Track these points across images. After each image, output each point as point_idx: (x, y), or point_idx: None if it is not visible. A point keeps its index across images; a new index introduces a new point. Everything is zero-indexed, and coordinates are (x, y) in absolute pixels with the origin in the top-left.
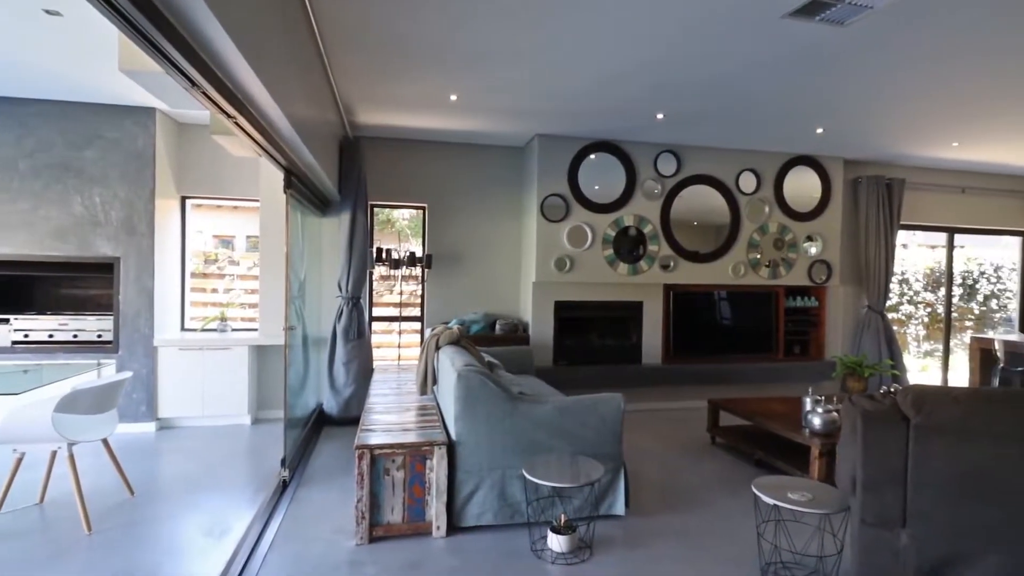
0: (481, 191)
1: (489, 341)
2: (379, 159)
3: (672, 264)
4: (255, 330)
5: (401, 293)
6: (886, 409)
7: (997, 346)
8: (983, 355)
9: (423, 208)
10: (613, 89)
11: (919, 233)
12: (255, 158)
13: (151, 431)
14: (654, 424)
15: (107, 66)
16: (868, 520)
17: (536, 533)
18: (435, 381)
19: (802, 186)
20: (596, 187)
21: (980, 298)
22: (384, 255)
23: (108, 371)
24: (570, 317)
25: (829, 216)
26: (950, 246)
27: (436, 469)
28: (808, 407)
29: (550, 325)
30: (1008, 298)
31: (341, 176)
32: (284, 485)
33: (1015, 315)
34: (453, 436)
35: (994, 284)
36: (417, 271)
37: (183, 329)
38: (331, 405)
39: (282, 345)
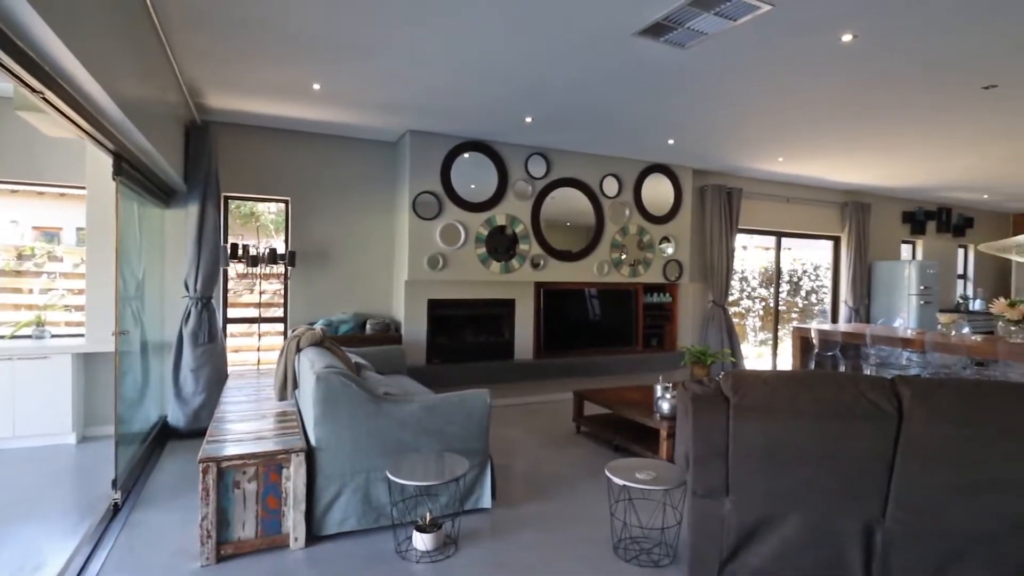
0: (351, 186)
1: (359, 341)
2: (235, 147)
3: (542, 263)
4: (82, 336)
5: (261, 293)
6: (711, 392)
7: (813, 334)
8: (803, 342)
9: (286, 202)
10: (483, 89)
11: (756, 236)
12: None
13: None
14: (525, 417)
15: None
16: (699, 492)
17: (402, 534)
18: (296, 385)
19: (658, 192)
20: (472, 186)
21: (803, 293)
22: (241, 251)
23: None
24: (444, 315)
25: (681, 220)
26: (778, 248)
27: (293, 477)
28: (659, 394)
29: (423, 324)
30: (824, 293)
31: (188, 164)
32: (116, 508)
33: (829, 308)
34: (313, 442)
35: (814, 281)
36: (280, 269)
37: None
38: (177, 417)
39: (113, 352)
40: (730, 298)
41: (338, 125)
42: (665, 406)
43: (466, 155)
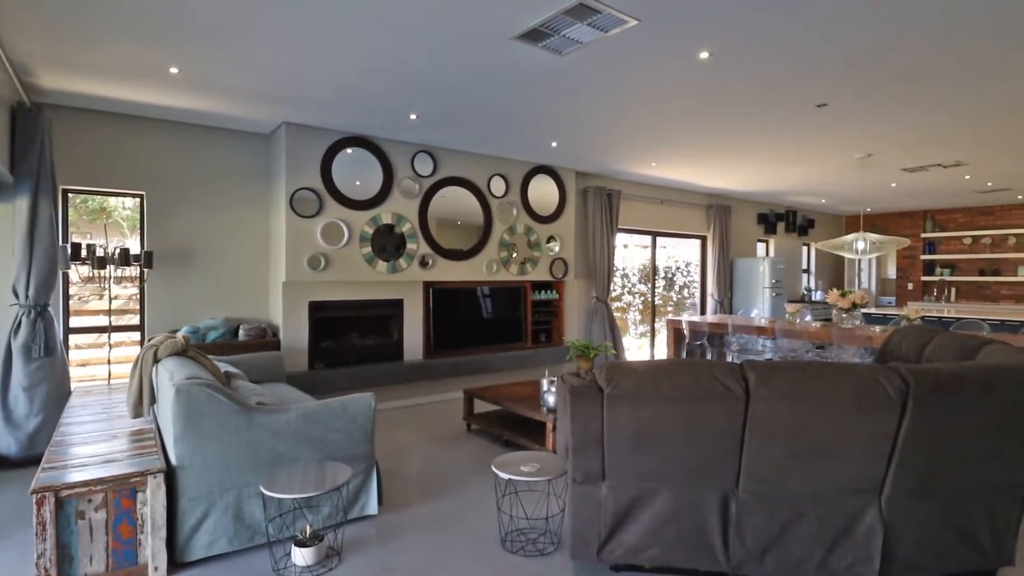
0: (219, 180)
1: (231, 349)
2: (78, 134)
3: (431, 262)
4: None
5: (113, 298)
6: (588, 384)
7: (684, 325)
8: (676, 333)
9: (140, 196)
10: (363, 83)
11: (635, 235)
12: None
13: None
14: (415, 418)
15: None
16: (578, 479)
17: (280, 551)
18: (154, 400)
19: (544, 192)
20: (357, 183)
21: (677, 288)
22: (86, 252)
23: None
24: (327, 318)
25: (565, 220)
26: (654, 246)
27: (150, 502)
28: (545, 387)
29: (304, 327)
30: (694, 288)
31: (14, 152)
32: None
33: (698, 301)
34: (174, 461)
35: (686, 276)
36: (135, 271)
37: None
38: (7, 443)
39: None
40: (612, 294)
41: (203, 114)
42: (551, 399)
43: (348, 151)
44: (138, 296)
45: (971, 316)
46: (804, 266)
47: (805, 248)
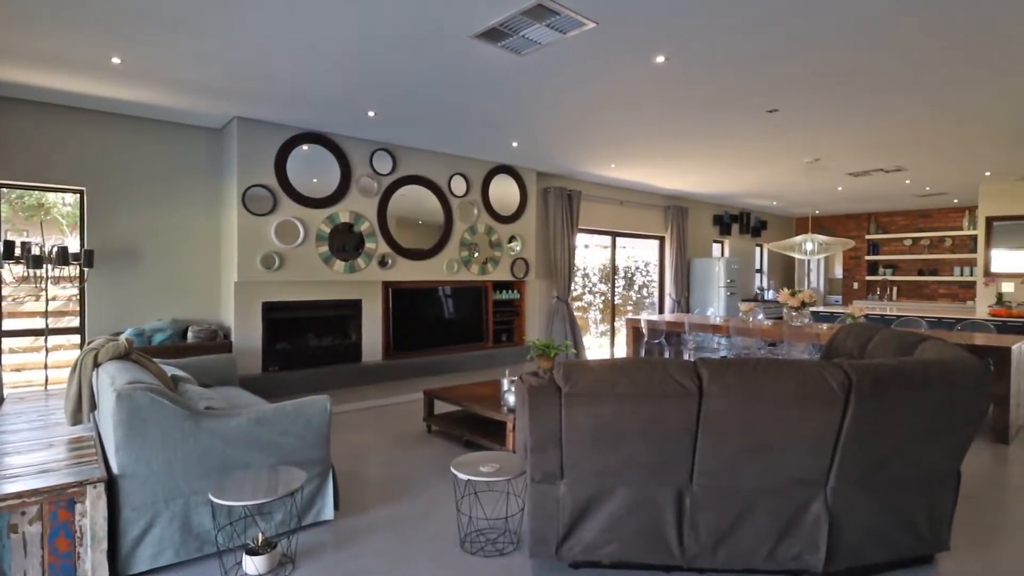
0: (167, 176)
1: (180, 351)
2: (13, 126)
3: (391, 261)
4: None
5: (50, 299)
6: (546, 383)
7: (643, 324)
8: (635, 332)
9: (80, 192)
10: (318, 78)
11: (595, 235)
12: None
13: None
14: (374, 420)
15: None
16: (537, 478)
17: (230, 560)
18: (94, 406)
19: (505, 192)
20: (315, 180)
21: (636, 287)
22: (20, 250)
23: None
24: (281, 319)
25: (526, 220)
26: (614, 247)
27: (90, 513)
28: (505, 387)
29: (258, 329)
30: (653, 287)
31: None
32: None
33: (656, 300)
34: (116, 469)
35: (645, 276)
36: (74, 271)
37: None
38: None
39: None
40: (573, 293)
41: (149, 106)
42: (512, 399)
43: (304, 147)
44: (78, 297)
45: (911, 314)
46: (757, 266)
47: (758, 249)
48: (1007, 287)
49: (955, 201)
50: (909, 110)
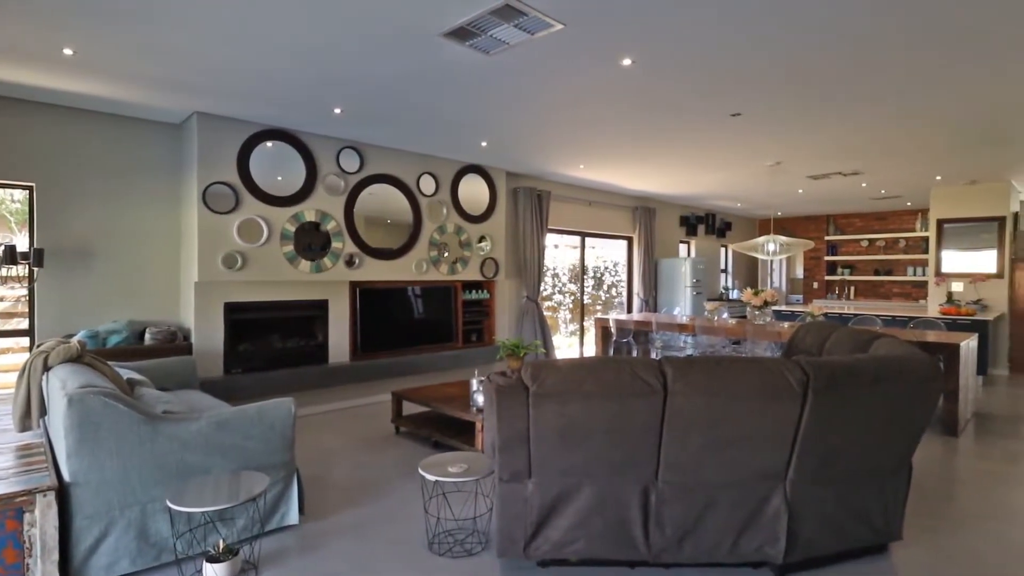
0: (123, 172)
1: (136, 354)
2: None
3: (358, 261)
4: None
5: None
6: (514, 383)
7: (611, 324)
8: (603, 332)
9: (29, 188)
10: (282, 73)
11: (565, 235)
12: None
13: None
14: (341, 422)
15: None
16: (505, 478)
17: (190, 568)
18: (44, 412)
19: (474, 192)
20: (279, 178)
21: (605, 287)
22: None
23: None
24: (244, 320)
25: (496, 219)
26: (583, 247)
27: (40, 523)
28: (474, 387)
29: (219, 330)
30: (622, 287)
31: None
32: None
33: (625, 299)
34: (67, 477)
35: (614, 276)
36: (23, 270)
37: None
38: None
39: None
40: (543, 293)
41: (103, 100)
42: (480, 399)
43: (268, 144)
44: (27, 298)
45: (867, 312)
46: (722, 266)
47: (723, 249)
48: (956, 287)
49: (908, 204)
50: (866, 115)
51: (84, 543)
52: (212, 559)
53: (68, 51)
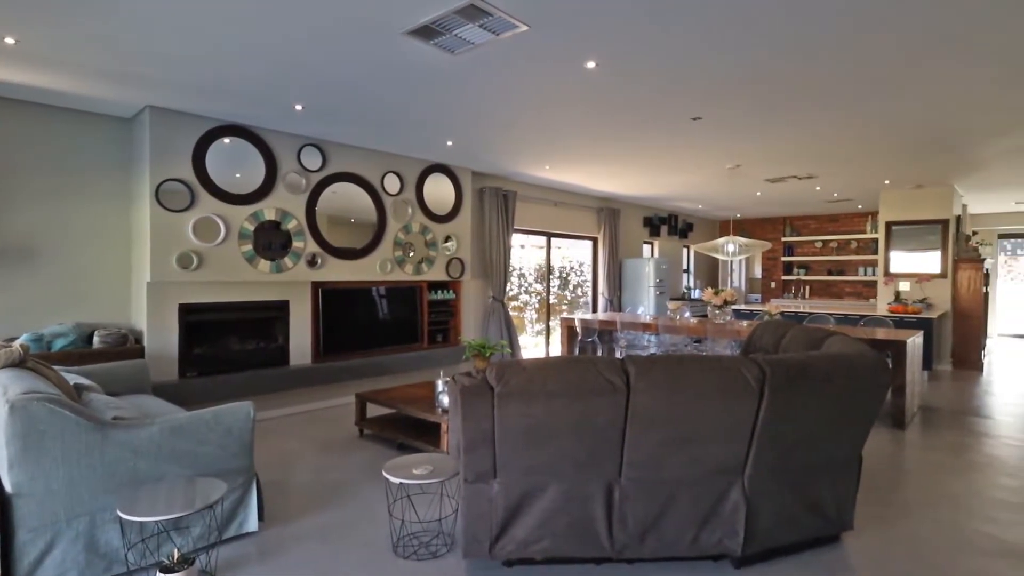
0: (69, 168)
1: (84, 358)
2: None
3: (320, 261)
4: None
5: None
6: (478, 383)
7: (577, 323)
8: (569, 331)
9: None
10: (238, 67)
11: (531, 236)
12: None
13: None
14: (303, 426)
15: None
16: (470, 478)
17: None
18: None
19: (440, 191)
20: (238, 175)
21: (571, 287)
22: None
23: None
24: (200, 321)
25: (462, 219)
26: (549, 247)
27: None
28: (439, 388)
29: (174, 332)
30: (587, 287)
31: None
32: None
33: (590, 299)
34: (9, 488)
35: (579, 276)
36: None
37: None
38: None
39: None
40: (509, 293)
41: (48, 92)
42: (446, 400)
43: (226, 140)
44: None
45: (820, 311)
46: (685, 266)
47: (685, 250)
48: (904, 286)
49: (859, 207)
50: (820, 122)
51: (28, 557)
52: (166, 569)
53: (10, 40)
